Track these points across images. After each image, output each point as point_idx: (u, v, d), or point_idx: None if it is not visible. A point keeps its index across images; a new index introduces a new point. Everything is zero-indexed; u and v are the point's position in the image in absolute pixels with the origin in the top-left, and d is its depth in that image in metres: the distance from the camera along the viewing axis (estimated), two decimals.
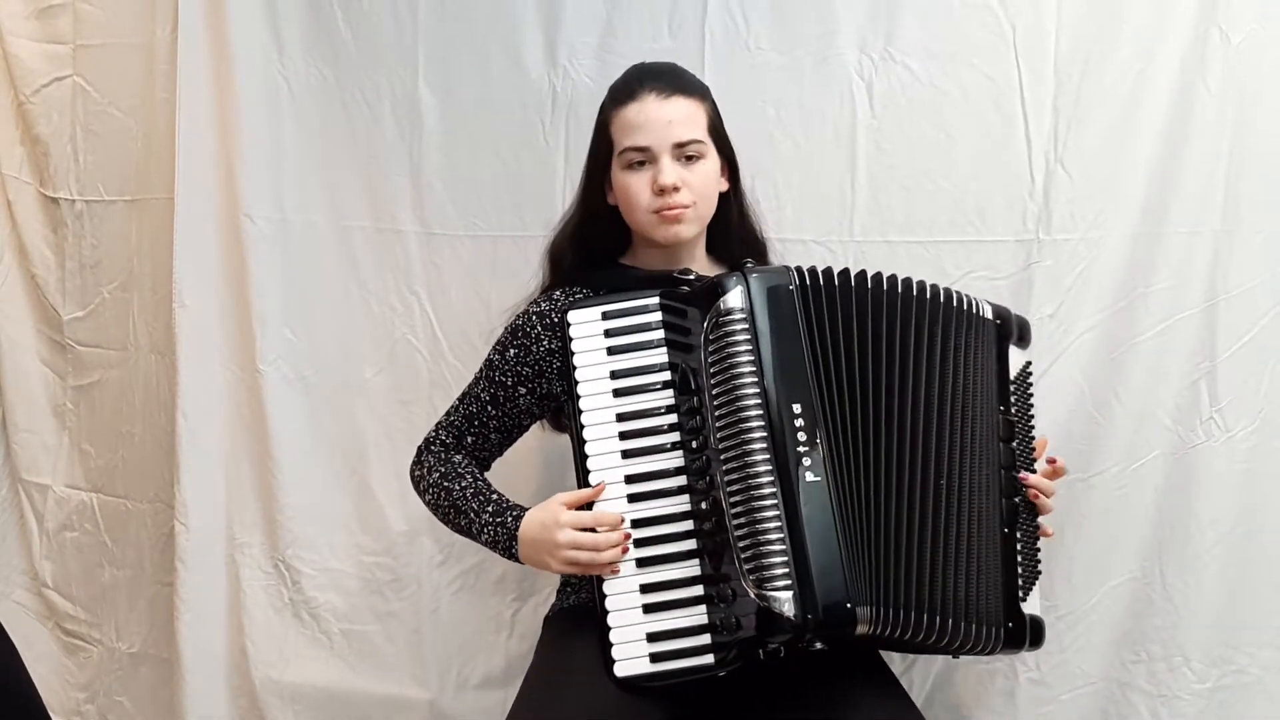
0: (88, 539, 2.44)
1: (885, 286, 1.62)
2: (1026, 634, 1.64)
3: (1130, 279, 1.97)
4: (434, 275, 2.16)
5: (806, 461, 1.51)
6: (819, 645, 1.49)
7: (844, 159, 2.02)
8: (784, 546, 1.48)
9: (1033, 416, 1.76)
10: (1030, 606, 1.68)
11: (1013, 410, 1.71)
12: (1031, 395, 1.77)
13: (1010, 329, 1.74)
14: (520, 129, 2.10)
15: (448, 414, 1.81)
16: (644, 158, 1.69)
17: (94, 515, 2.42)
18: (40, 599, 2.49)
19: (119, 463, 2.40)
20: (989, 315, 1.71)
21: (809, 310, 1.58)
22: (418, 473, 1.80)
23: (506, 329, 1.78)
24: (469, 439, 1.77)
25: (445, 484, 1.73)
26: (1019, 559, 1.66)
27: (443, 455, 1.78)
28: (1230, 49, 1.92)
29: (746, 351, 1.53)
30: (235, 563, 2.24)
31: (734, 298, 1.55)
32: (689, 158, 1.69)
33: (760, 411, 1.51)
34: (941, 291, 1.66)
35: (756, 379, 1.52)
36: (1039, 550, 1.73)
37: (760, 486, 1.49)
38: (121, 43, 2.30)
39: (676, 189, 1.68)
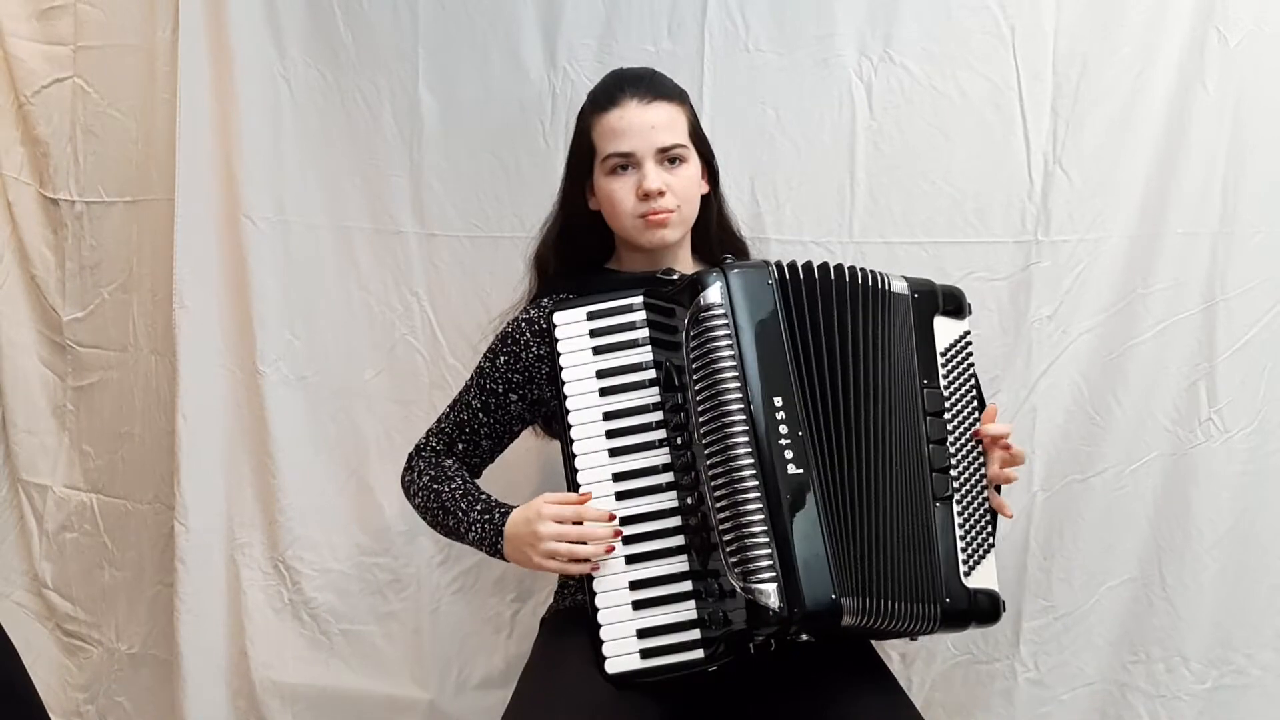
0: (87, 540, 2.44)
1: (847, 278, 1.62)
2: (969, 611, 1.59)
3: (1129, 280, 1.98)
4: (434, 276, 2.16)
5: (789, 454, 1.51)
6: (805, 637, 1.49)
7: (843, 160, 2.03)
8: (768, 539, 1.48)
9: (974, 388, 1.72)
10: (983, 579, 1.62)
11: (942, 383, 1.67)
12: (971, 366, 1.72)
13: (934, 301, 1.70)
14: (520, 130, 2.10)
15: (438, 421, 1.82)
16: (627, 163, 1.69)
17: (94, 516, 2.42)
18: (40, 599, 2.49)
19: (119, 463, 2.40)
20: (901, 290, 1.68)
21: (788, 304, 1.58)
22: (408, 478, 1.81)
23: (496, 337, 1.79)
24: (460, 445, 1.79)
25: (435, 486, 1.74)
26: (959, 532, 1.62)
27: (433, 460, 1.79)
28: (1228, 50, 1.92)
29: (727, 346, 1.54)
30: (235, 563, 2.24)
31: (713, 293, 1.56)
32: (672, 161, 1.70)
33: (741, 405, 1.52)
34: (858, 273, 1.64)
35: (737, 373, 1.53)
36: (986, 521, 1.66)
37: (743, 480, 1.50)
38: (122, 44, 2.31)
39: (661, 193, 1.68)
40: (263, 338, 2.19)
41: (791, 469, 1.51)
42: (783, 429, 1.52)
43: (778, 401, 1.53)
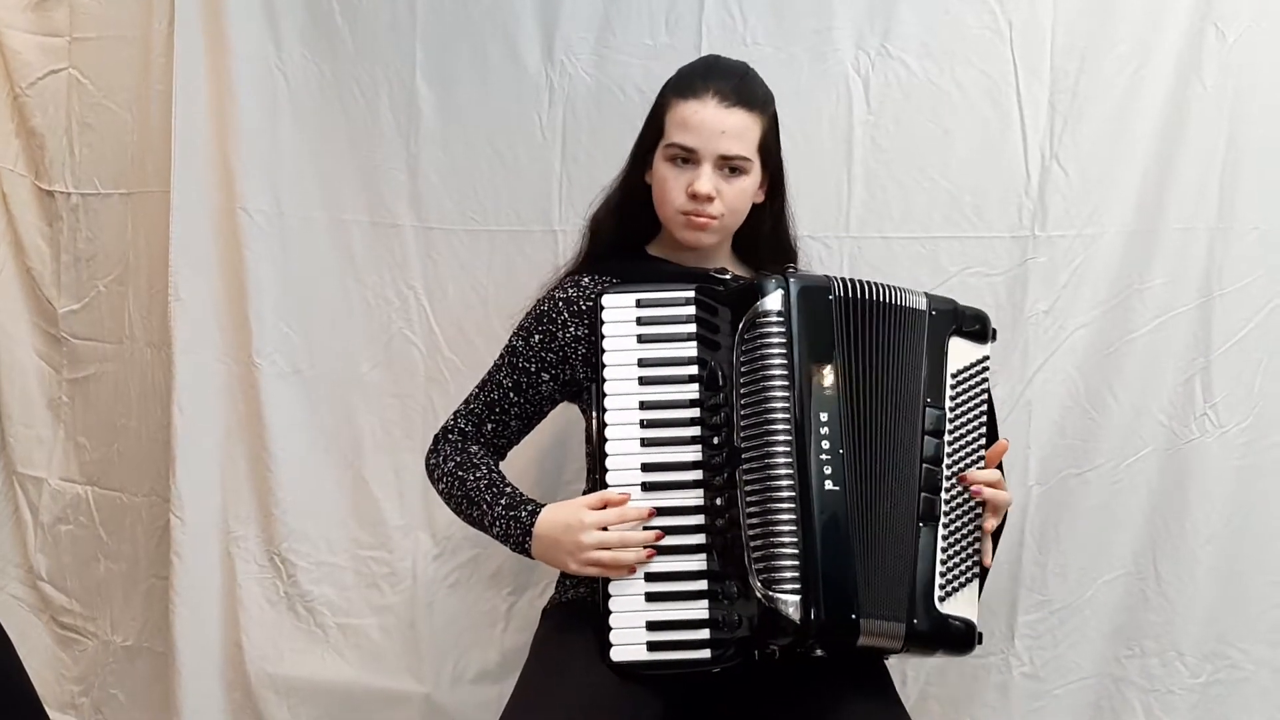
0: (83, 532, 2.44)
1: (884, 296, 1.62)
2: (936, 635, 1.56)
3: (1125, 275, 1.98)
4: (430, 270, 2.16)
5: (828, 470, 1.51)
6: (819, 652, 1.50)
7: (840, 155, 2.03)
8: (796, 551, 1.48)
9: (983, 415, 1.70)
10: (960, 608, 1.59)
11: (948, 405, 1.65)
12: (985, 393, 1.70)
13: (951, 320, 1.68)
14: (517, 124, 2.10)
15: (467, 401, 1.80)
16: (688, 158, 1.68)
17: (89, 508, 2.42)
18: (35, 592, 2.49)
19: (114, 456, 2.40)
20: (919, 306, 1.66)
21: (845, 320, 1.58)
22: (433, 460, 1.79)
23: (530, 315, 1.77)
24: (489, 426, 1.77)
25: (460, 474, 1.73)
26: (940, 556, 1.60)
27: (459, 445, 1.77)
28: (1226, 46, 1.92)
29: (780, 355, 1.54)
30: (230, 556, 2.24)
31: (773, 300, 1.55)
32: (732, 169, 1.69)
33: (787, 415, 1.52)
34: (887, 290, 1.63)
35: (788, 383, 1.53)
36: (974, 550, 1.64)
37: (779, 489, 1.50)
38: (118, 36, 2.30)
39: (710, 199, 1.67)
40: (259, 331, 2.18)
41: (829, 485, 1.51)
42: (825, 444, 1.52)
43: (823, 417, 1.53)
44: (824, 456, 1.52)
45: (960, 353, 1.68)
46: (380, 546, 2.21)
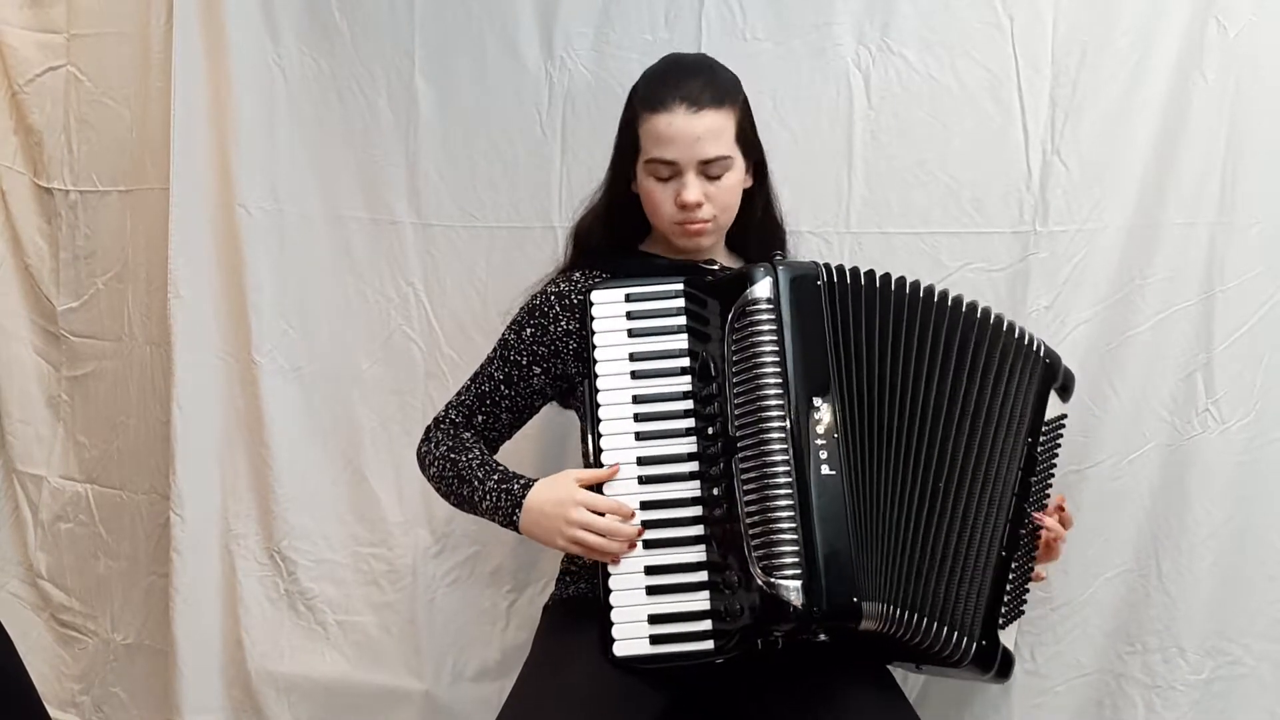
0: (82, 530, 2.44)
1: (911, 292, 1.64)
2: (997, 658, 1.65)
3: (1126, 271, 1.97)
4: (430, 266, 2.15)
5: (823, 455, 1.52)
6: (823, 637, 1.50)
7: (840, 150, 2.02)
8: (795, 536, 1.49)
9: (1055, 466, 1.78)
10: (1006, 639, 1.68)
11: (1039, 448, 1.72)
12: (1059, 447, 1.79)
13: (1057, 375, 1.76)
14: (517, 120, 2.10)
15: (459, 394, 1.80)
16: (669, 171, 1.67)
17: (89, 506, 2.42)
18: (35, 590, 2.50)
19: (114, 454, 2.40)
20: (1040, 352, 1.74)
21: (835, 307, 1.59)
22: (424, 448, 1.79)
23: (523, 309, 1.77)
24: (480, 418, 1.77)
25: (452, 455, 1.73)
26: (1008, 587, 1.67)
27: (451, 432, 1.77)
28: (1227, 40, 1.91)
29: (771, 341, 1.55)
30: (230, 553, 2.24)
31: (762, 288, 1.56)
32: (715, 170, 1.68)
33: (780, 401, 1.53)
34: (993, 315, 1.70)
35: (779, 369, 1.54)
36: (1028, 591, 1.75)
37: (776, 475, 1.50)
38: (116, 32, 2.30)
39: (699, 205, 1.67)
40: (258, 327, 2.18)
41: (825, 469, 1.52)
42: (819, 429, 1.53)
43: (817, 401, 1.54)
44: (819, 441, 1.53)
45: (1052, 404, 1.75)
46: (380, 544, 2.21)
